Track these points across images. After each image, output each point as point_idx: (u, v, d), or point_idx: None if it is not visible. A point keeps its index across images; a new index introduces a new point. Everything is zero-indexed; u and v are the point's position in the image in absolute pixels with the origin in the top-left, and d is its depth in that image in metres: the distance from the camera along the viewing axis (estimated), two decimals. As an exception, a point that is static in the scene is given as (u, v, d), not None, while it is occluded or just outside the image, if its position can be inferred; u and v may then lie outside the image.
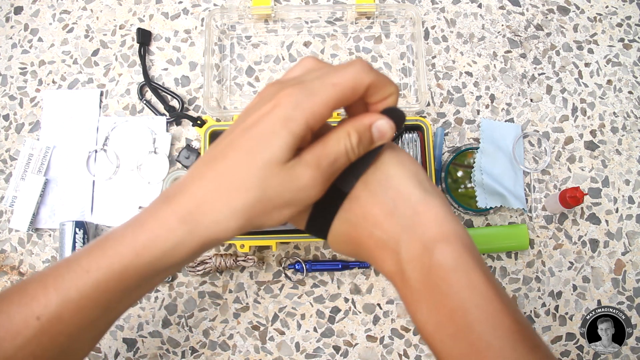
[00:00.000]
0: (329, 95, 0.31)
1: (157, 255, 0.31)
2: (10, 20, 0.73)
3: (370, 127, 0.33)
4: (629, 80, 0.70)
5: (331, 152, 0.32)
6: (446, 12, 0.72)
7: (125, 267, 0.32)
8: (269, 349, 0.63)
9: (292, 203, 0.31)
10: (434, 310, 0.32)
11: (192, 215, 0.31)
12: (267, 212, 0.31)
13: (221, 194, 0.31)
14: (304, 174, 0.31)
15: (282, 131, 0.30)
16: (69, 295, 0.32)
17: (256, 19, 0.71)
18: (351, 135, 0.32)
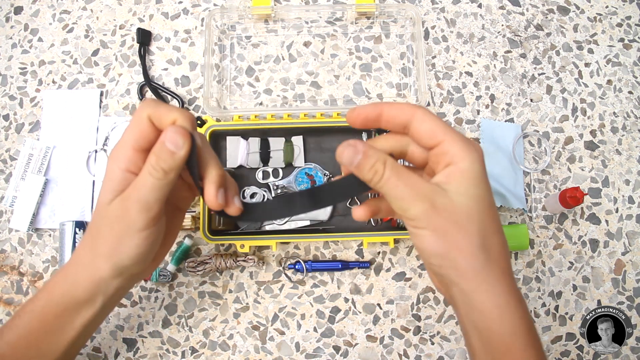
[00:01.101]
0: (124, 139, 0.38)
1: (61, 292, 0.40)
2: (10, 20, 0.73)
3: (163, 143, 0.36)
4: (629, 80, 0.70)
5: (137, 182, 0.37)
6: (446, 12, 0.72)
7: (42, 308, 0.41)
8: (269, 349, 0.63)
9: (124, 233, 0.38)
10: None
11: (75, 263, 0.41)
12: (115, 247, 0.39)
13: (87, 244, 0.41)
14: (115, 207, 0.38)
15: (105, 182, 0.39)
16: (8, 337, 0.41)
17: (256, 19, 0.71)
18: (150, 159, 0.37)
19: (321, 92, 0.70)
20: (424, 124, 0.36)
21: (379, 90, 0.70)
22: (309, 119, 0.65)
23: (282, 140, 0.66)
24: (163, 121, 0.37)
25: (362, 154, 0.34)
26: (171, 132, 0.36)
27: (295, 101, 0.70)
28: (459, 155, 0.34)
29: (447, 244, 0.34)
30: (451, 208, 0.34)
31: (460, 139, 0.35)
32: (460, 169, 0.34)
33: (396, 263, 0.65)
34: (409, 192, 0.34)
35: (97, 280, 0.40)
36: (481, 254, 0.34)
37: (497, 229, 0.36)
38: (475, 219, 0.35)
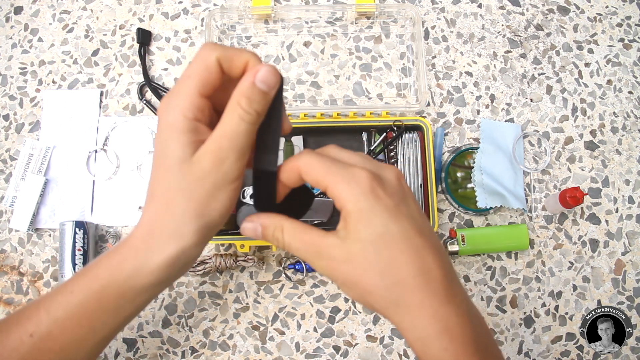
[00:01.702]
0: (186, 85, 0.34)
1: (128, 273, 0.35)
2: (10, 20, 0.73)
3: (253, 84, 0.33)
4: (629, 80, 0.70)
5: (227, 128, 0.33)
6: (446, 12, 0.72)
7: (103, 287, 0.36)
8: (269, 349, 0.63)
9: (218, 186, 0.34)
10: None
11: (149, 235, 0.35)
12: (206, 204, 0.34)
13: (165, 212, 0.35)
14: (207, 160, 0.33)
15: (171, 135, 0.34)
16: (57, 315, 0.36)
17: (256, 19, 0.71)
18: (240, 101, 0.33)
19: (321, 92, 0.70)
20: (309, 174, 0.35)
21: (379, 90, 0.70)
22: (309, 119, 0.65)
23: (282, 140, 0.66)
24: (234, 64, 0.34)
25: (260, 226, 0.36)
26: (264, 71, 0.33)
27: (295, 101, 0.70)
28: (343, 199, 0.34)
29: (358, 292, 0.35)
30: (347, 257, 0.34)
31: (338, 182, 0.34)
32: (347, 213, 0.34)
33: (396, 263, 0.65)
34: (309, 253, 0.35)
35: (179, 254, 0.35)
36: (389, 293, 0.34)
37: (407, 258, 0.34)
38: (372, 260, 0.34)
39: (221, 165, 0.33)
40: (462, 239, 0.63)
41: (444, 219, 0.66)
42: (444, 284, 0.34)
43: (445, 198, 0.67)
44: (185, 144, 0.33)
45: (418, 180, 0.63)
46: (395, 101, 0.70)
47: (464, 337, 0.34)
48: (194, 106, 0.34)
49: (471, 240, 0.63)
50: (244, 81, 0.33)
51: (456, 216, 0.67)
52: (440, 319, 0.33)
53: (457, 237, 0.63)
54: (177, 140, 0.33)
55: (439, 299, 0.34)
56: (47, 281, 0.65)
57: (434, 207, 0.62)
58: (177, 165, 0.34)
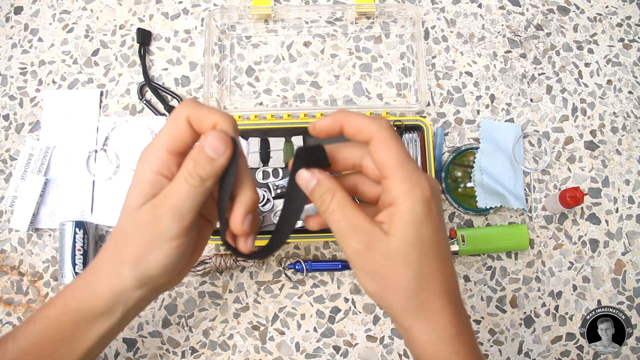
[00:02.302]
0: (157, 140, 0.36)
1: (79, 301, 0.38)
2: (10, 20, 0.73)
3: (202, 148, 0.34)
4: (629, 80, 0.70)
5: (172, 188, 0.35)
6: (446, 12, 0.72)
7: (58, 315, 0.38)
8: (269, 349, 0.63)
9: (154, 242, 0.36)
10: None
11: (99, 269, 0.38)
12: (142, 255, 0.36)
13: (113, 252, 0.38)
14: (147, 214, 0.35)
15: (134, 183, 0.36)
16: (20, 344, 0.38)
17: (256, 19, 0.71)
18: (187, 164, 0.35)
19: (321, 92, 0.70)
20: (378, 152, 0.35)
21: (379, 90, 0.70)
22: (309, 119, 0.65)
23: (282, 140, 0.66)
24: (203, 124, 0.35)
25: (317, 181, 0.36)
26: (212, 136, 0.34)
27: (295, 101, 0.70)
28: (401, 197, 0.34)
29: (381, 287, 0.35)
30: (387, 251, 0.34)
31: (405, 179, 0.34)
32: (400, 211, 0.34)
33: (396, 263, 0.65)
34: (348, 230, 0.35)
35: (119, 290, 0.37)
36: (415, 296, 0.35)
37: (438, 267, 0.35)
38: (412, 262, 0.34)
39: (158, 221, 0.35)
40: (462, 239, 0.63)
41: (444, 219, 0.66)
42: (458, 293, 0.37)
43: (445, 198, 0.67)
44: (141, 195, 0.36)
45: (418, 180, 0.63)
46: (395, 101, 0.70)
47: (470, 343, 0.36)
48: (159, 161, 0.36)
49: (471, 240, 0.63)
50: (195, 145, 0.35)
51: (456, 216, 0.67)
52: (456, 325, 0.35)
53: (457, 237, 0.63)
54: (137, 190, 0.36)
55: (455, 306, 0.36)
56: (47, 281, 0.65)
57: (434, 207, 0.62)
58: (129, 212, 0.36)
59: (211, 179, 0.35)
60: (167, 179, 0.36)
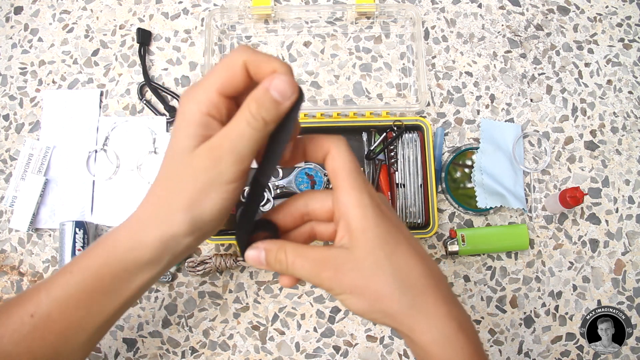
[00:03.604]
0: (207, 81, 0.34)
1: (123, 251, 0.35)
2: (10, 20, 0.73)
3: (267, 90, 0.32)
4: (629, 80, 0.70)
5: (232, 130, 0.33)
6: (446, 12, 0.72)
7: (100, 266, 0.36)
8: (269, 349, 0.63)
9: (211, 184, 0.34)
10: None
11: (144, 218, 0.36)
12: (196, 199, 0.34)
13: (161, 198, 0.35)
14: (204, 156, 0.33)
15: (182, 124, 0.34)
16: (56, 294, 0.36)
17: (256, 19, 0.71)
18: (250, 105, 0.33)
19: (321, 92, 0.70)
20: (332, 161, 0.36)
21: (379, 90, 0.70)
22: (309, 119, 0.65)
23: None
24: (261, 70, 0.33)
25: (264, 250, 0.36)
26: (279, 79, 0.32)
27: (295, 101, 0.70)
28: (349, 204, 0.35)
29: (368, 300, 0.34)
30: (356, 265, 0.34)
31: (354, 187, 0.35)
32: (353, 219, 0.34)
33: (396, 263, 0.65)
34: (314, 267, 0.35)
35: (169, 238, 0.35)
36: (404, 295, 0.34)
37: (414, 263, 0.35)
38: (385, 263, 0.34)
39: (217, 164, 0.33)
40: (462, 239, 0.63)
41: (444, 219, 0.66)
42: (446, 285, 0.36)
43: (445, 198, 0.67)
44: (191, 136, 0.33)
45: (418, 180, 0.63)
46: (395, 101, 0.70)
47: (474, 336, 0.35)
48: (209, 102, 0.33)
49: (471, 240, 0.63)
50: (259, 86, 0.33)
51: (456, 216, 0.67)
52: (455, 318, 0.35)
53: (457, 237, 0.63)
54: (186, 131, 0.34)
55: (448, 299, 0.35)
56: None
57: (434, 207, 0.62)
58: (180, 155, 0.34)
59: (274, 124, 0.33)
60: (217, 122, 0.34)
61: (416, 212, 0.63)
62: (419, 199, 0.63)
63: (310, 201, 0.38)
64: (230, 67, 0.33)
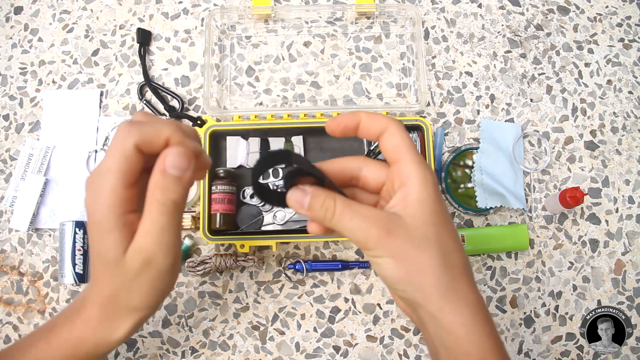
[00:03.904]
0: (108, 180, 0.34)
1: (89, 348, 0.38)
2: (10, 20, 0.73)
3: (164, 172, 0.33)
4: (629, 80, 0.70)
5: (148, 226, 0.34)
6: (446, 12, 0.72)
7: (67, 357, 0.38)
8: (269, 349, 0.63)
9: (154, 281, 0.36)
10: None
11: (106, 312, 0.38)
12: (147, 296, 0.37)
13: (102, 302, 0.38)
14: (136, 261, 0.34)
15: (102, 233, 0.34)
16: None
17: (256, 19, 0.71)
18: (155, 194, 0.33)
19: (321, 92, 0.70)
20: (392, 137, 0.36)
21: (379, 90, 0.70)
22: (309, 119, 0.65)
23: (282, 140, 0.66)
24: (155, 144, 0.33)
25: (311, 194, 0.34)
26: (172, 155, 0.33)
27: (295, 101, 0.70)
28: (413, 175, 0.34)
29: (409, 269, 0.34)
30: (407, 232, 0.34)
31: (416, 160, 0.35)
32: (414, 190, 0.34)
33: (396, 263, 0.65)
34: (363, 223, 0.34)
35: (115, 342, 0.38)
36: (445, 274, 0.34)
37: (456, 247, 0.35)
38: (433, 239, 0.34)
39: (150, 264, 0.35)
40: (462, 239, 0.63)
41: (444, 219, 0.66)
42: (473, 276, 0.37)
43: (445, 198, 0.67)
44: (116, 243, 0.34)
45: (418, 180, 0.63)
46: (395, 101, 0.70)
47: (496, 326, 0.36)
48: (121, 200, 0.34)
49: (471, 240, 0.63)
50: (155, 171, 0.33)
51: (456, 216, 0.67)
52: (483, 307, 0.35)
53: (457, 237, 0.63)
54: (108, 240, 0.34)
55: (476, 289, 0.36)
56: (47, 281, 0.65)
57: (434, 207, 0.62)
58: (113, 265, 0.35)
59: (184, 199, 0.34)
60: (133, 212, 0.35)
61: (416, 212, 0.62)
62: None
63: (365, 167, 0.38)
64: (125, 157, 0.33)
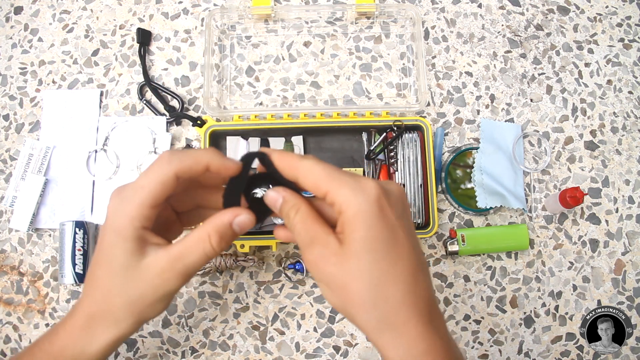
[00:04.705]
0: (139, 195, 0.36)
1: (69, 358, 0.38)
2: (10, 20, 0.73)
3: (230, 225, 0.37)
4: (629, 80, 0.70)
5: (187, 255, 0.37)
6: (446, 12, 0.72)
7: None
8: (269, 349, 0.63)
9: (159, 298, 0.38)
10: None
11: (89, 324, 0.38)
12: (143, 309, 0.38)
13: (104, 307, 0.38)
14: (156, 274, 0.36)
15: (116, 241, 0.36)
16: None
17: (256, 19, 0.71)
18: (212, 237, 0.36)
19: (321, 92, 0.70)
20: (307, 178, 0.35)
21: (379, 90, 0.70)
22: (309, 119, 0.65)
23: (282, 140, 0.66)
24: (194, 171, 0.37)
25: (282, 198, 0.37)
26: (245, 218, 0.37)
27: (295, 101, 0.70)
28: (344, 204, 0.33)
29: (341, 299, 0.34)
30: (340, 261, 0.33)
31: (342, 186, 0.34)
32: (346, 217, 0.33)
33: (396, 263, 0.65)
34: (307, 241, 0.35)
35: (116, 340, 0.39)
36: (374, 309, 0.33)
37: (398, 273, 0.33)
38: (365, 271, 0.33)
39: (166, 283, 0.37)
40: (462, 239, 0.63)
41: (444, 219, 0.66)
42: (429, 304, 0.34)
43: (445, 198, 0.67)
44: (131, 252, 0.36)
45: (418, 180, 0.63)
46: (395, 101, 0.70)
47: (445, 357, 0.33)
48: (143, 217, 0.36)
49: (471, 240, 0.63)
50: (221, 216, 0.36)
51: (456, 216, 0.67)
52: (424, 339, 0.33)
53: (457, 237, 0.63)
54: (123, 248, 0.36)
55: (424, 319, 0.33)
56: (47, 281, 0.65)
57: (434, 207, 0.62)
58: (122, 271, 0.36)
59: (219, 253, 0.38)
60: (148, 231, 0.37)
61: (416, 212, 0.63)
62: (419, 199, 0.63)
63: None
64: (162, 181, 0.36)
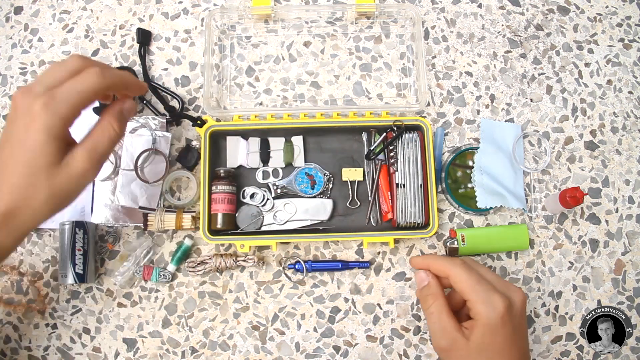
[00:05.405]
0: (74, 101, 0.42)
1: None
2: (10, 20, 0.73)
3: (122, 111, 0.47)
4: (629, 80, 0.70)
5: (99, 143, 0.45)
6: (446, 12, 0.72)
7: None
8: (269, 349, 0.63)
9: (80, 189, 0.45)
10: None
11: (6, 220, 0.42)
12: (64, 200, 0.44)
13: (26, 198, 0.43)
14: (78, 167, 0.43)
15: (46, 139, 0.41)
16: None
17: (256, 19, 0.71)
18: (113, 124, 0.46)
19: (321, 92, 0.70)
20: (456, 284, 0.51)
21: (379, 90, 0.70)
22: (309, 119, 0.65)
23: (282, 140, 0.66)
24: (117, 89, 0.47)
25: (427, 282, 0.54)
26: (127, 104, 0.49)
27: (295, 101, 0.70)
28: (478, 314, 0.49)
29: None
30: (464, 353, 0.48)
31: (479, 301, 0.49)
32: (478, 326, 0.49)
33: (396, 263, 0.65)
34: (439, 331, 0.50)
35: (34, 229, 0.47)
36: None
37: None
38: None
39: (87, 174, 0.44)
40: (462, 239, 0.63)
41: (444, 219, 0.66)
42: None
43: (445, 198, 0.67)
44: (58, 150, 0.42)
45: (418, 180, 0.63)
46: (395, 101, 0.70)
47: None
48: (70, 118, 0.43)
49: (471, 240, 0.63)
50: (114, 106, 0.46)
51: (456, 216, 0.67)
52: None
53: (457, 237, 0.63)
54: (54, 146, 0.41)
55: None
56: (47, 281, 0.65)
57: (434, 207, 0.62)
58: (48, 168, 0.42)
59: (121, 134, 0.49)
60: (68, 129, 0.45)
61: (416, 212, 0.63)
62: (419, 199, 0.63)
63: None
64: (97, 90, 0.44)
